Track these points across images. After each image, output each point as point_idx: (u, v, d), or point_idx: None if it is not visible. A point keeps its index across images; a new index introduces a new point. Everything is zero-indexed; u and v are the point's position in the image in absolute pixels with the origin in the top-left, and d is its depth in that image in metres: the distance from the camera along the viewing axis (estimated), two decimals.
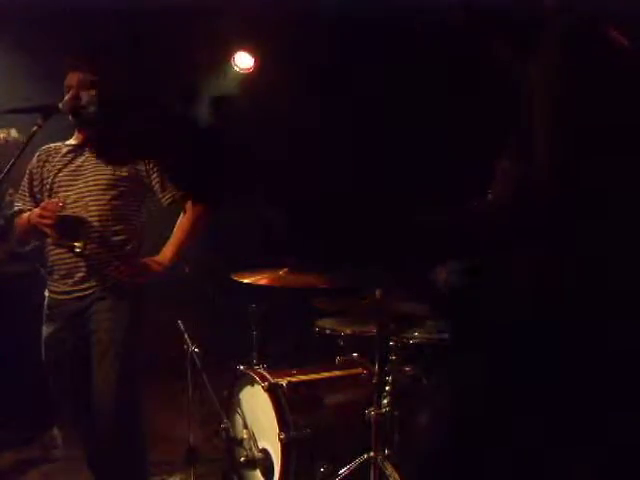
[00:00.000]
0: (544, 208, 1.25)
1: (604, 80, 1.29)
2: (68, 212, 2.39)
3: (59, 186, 2.48)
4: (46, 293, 2.52)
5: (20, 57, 4.14)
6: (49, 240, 2.48)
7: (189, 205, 2.53)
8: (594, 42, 1.31)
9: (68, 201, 2.43)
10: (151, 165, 2.50)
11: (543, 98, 1.30)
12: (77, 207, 2.42)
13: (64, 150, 2.58)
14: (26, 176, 2.61)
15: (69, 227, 2.36)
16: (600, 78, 1.28)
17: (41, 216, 2.33)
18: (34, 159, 2.61)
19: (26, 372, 3.24)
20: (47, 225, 2.33)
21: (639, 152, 1.28)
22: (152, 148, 1.15)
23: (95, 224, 2.41)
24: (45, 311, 2.50)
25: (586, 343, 1.27)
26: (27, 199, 2.58)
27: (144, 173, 2.52)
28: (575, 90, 1.27)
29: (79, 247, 2.38)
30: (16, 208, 2.62)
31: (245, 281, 2.81)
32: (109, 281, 2.42)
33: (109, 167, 2.47)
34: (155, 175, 2.51)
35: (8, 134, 3.34)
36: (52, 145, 2.62)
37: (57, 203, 2.35)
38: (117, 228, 2.46)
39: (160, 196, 2.53)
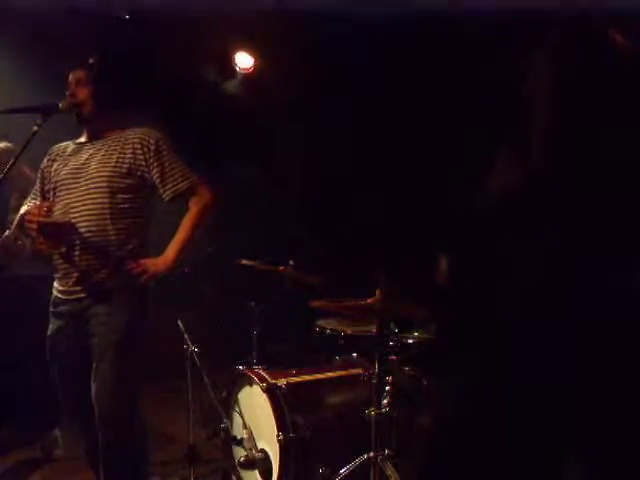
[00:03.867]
0: (541, 204, 1.25)
1: (601, 82, 1.28)
2: (61, 215, 2.36)
3: (62, 184, 2.46)
4: (53, 291, 2.51)
5: (21, 58, 4.15)
6: None
7: (194, 198, 2.50)
8: (593, 44, 1.31)
9: (67, 201, 2.41)
10: (152, 160, 2.46)
11: (540, 98, 1.30)
12: (76, 207, 2.40)
13: (70, 148, 2.56)
14: (38, 175, 2.61)
15: (53, 233, 2.33)
16: (598, 80, 1.28)
17: (28, 221, 2.31)
18: (45, 158, 2.60)
19: (28, 373, 3.25)
20: (32, 229, 2.31)
21: (635, 156, 1.28)
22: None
23: (83, 229, 2.38)
24: (51, 308, 2.49)
25: (588, 343, 1.26)
26: (37, 199, 2.57)
27: (145, 168, 2.46)
28: (571, 92, 1.27)
29: (62, 254, 2.37)
30: (27, 207, 2.60)
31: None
32: (105, 284, 2.39)
33: (110, 163, 2.43)
34: (156, 170, 2.46)
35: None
36: (62, 144, 2.61)
37: (42, 208, 2.31)
38: (118, 226, 2.41)
39: (161, 191, 2.49)
